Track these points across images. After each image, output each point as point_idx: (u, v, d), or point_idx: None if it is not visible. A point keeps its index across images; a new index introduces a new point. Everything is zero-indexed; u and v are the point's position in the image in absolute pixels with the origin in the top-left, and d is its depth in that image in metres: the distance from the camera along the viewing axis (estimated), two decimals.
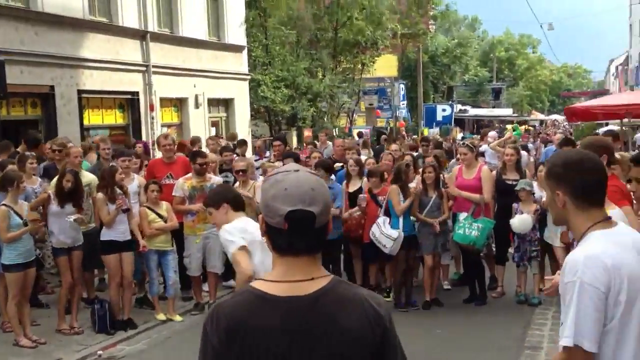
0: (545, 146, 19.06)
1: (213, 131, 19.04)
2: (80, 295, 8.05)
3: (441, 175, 8.91)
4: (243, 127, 20.69)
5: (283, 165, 9.24)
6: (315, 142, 15.72)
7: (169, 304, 8.32)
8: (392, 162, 9.58)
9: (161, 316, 8.19)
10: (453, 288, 9.28)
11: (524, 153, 11.43)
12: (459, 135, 30.70)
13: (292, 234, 1.94)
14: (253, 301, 1.95)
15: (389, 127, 30.13)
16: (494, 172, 9.11)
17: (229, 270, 9.66)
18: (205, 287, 8.92)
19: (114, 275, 7.88)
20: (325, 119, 27.29)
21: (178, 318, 8.21)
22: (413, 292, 8.56)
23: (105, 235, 7.85)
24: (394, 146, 11.28)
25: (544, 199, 8.40)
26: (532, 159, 11.82)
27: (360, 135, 22.39)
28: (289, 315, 1.91)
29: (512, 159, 8.89)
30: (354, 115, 32.22)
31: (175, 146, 9.85)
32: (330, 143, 13.53)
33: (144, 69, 16.44)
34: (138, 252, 8.06)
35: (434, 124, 34.67)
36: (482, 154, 11.92)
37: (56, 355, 6.99)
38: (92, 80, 14.72)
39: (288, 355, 1.89)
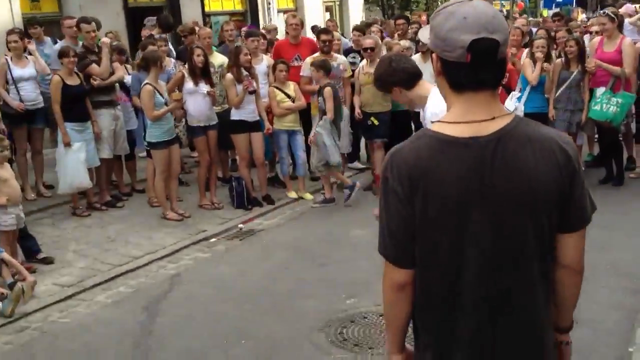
0: None
1: (327, 16, 18.75)
2: (216, 173, 8.41)
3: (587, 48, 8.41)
4: (356, 12, 20.24)
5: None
6: None
7: (299, 183, 8.55)
8: (520, 37, 9.12)
9: (292, 194, 8.44)
10: (587, 169, 8.94)
11: None
12: (582, 16, 28.73)
13: (475, 66, 1.81)
14: (433, 145, 1.86)
15: (504, 10, 28.53)
16: (639, 45, 8.48)
17: (356, 151, 9.82)
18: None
19: (243, 154, 8.13)
20: (439, 3, 26.22)
21: (308, 196, 8.43)
22: None
23: (235, 115, 8.05)
24: (520, 20, 10.68)
25: None
26: None
27: None
28: (473, 156, 1.82)
29: None
30: None
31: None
32: None
33: None
34: (267, 133, 8.25)
35: (553, 4, 32.52)
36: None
37: (201, 227, 7.42)
38: None
39: (471, 197, 1.83)
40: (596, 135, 8.83)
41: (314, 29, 12.38)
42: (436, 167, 1.84)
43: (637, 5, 14.83)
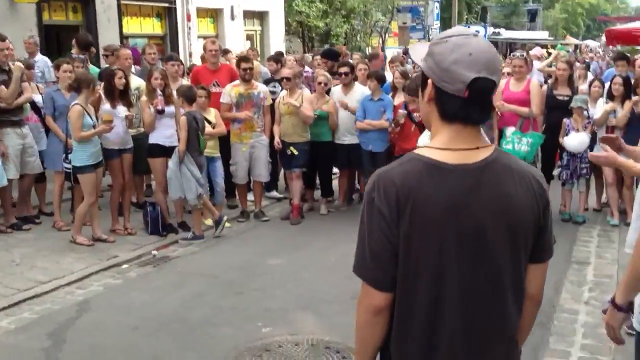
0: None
1: (248, 44, 18.84)
2: (130, 197, 8.22)
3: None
4: (277, 41, 20.43)
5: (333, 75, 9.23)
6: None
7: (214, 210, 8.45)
8: None
9: (209, 221, 8.33)
10: None
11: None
12: None
13: (469, 102, 1.87)
14: (422, 169, 1.89)
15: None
16: (544, 88, 8.95)
17: (274, 180, 9.83)
18: (250, 195, 9.06)
19: (159, 179, 8.00)
20: (358, 37, 26.82)
21: (227, 224, 8.32)
22: None
23: (153, 138, 7.95)
24: None
25: (595, 116, 8.29)
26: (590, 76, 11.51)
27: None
28: (459, 182, 1.87)
29: (565, 73, 8.66)
30: (386, 35, 31.60)
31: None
32: None
33: None
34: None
35: None
36: None
37: (112, 253, 7.20)
38: None
39: (457, 221, 1.86)
40: None
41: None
42: (424, 190, 1.87)
43: (545, 51, 15.63)
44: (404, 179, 1.89)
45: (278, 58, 10.12)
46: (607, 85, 8.74)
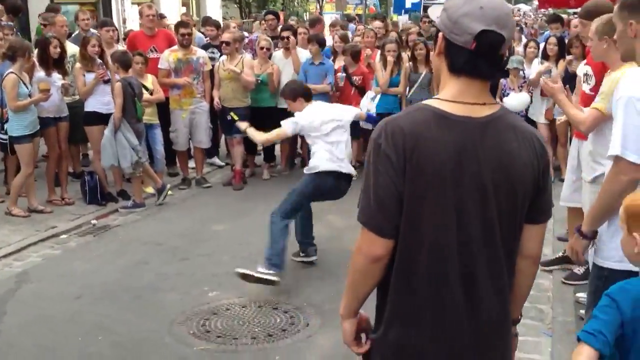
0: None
1: (184, 10, 18.44)
2: (67, 167, 8.01)
3: (431, 51, 8.87)
4: (214, 8, 20.10)
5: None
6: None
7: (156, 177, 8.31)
8: (374, 39, 9.48)
9: (150, 189, 8.19)
10: None
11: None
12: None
13: (477, 55, 1.88)
14: (430, 118, 1.91)
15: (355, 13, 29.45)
16: None
17: (215, 146, 9.73)
18: (191, 163, 8.95)
19: (97, 147, 7.79)
20: (295, 3, 26.61)
21: (169, 192, 8.18)
22: None
23: (89, 105, 7.75)
24: (377, 23, 11.05)
25: (531, 76, 8.47)
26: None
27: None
28: (464, 133, 1.90)
29: None
30: (323, 0, 31.43)
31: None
32: None
33: None
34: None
35: (403, 10, 33.99)
36: None
37: (50, 224, 7.01)
38: None
39: (460, 171, 1.89)
40: None
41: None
42: (430, 139, 1.89)
43: None
44: (411, 126, 1.91)
45: (218, 23, 9.93)
46: (542, 45, 8.93)
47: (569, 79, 8.16)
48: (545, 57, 8.52)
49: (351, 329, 2.13)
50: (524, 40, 11.00)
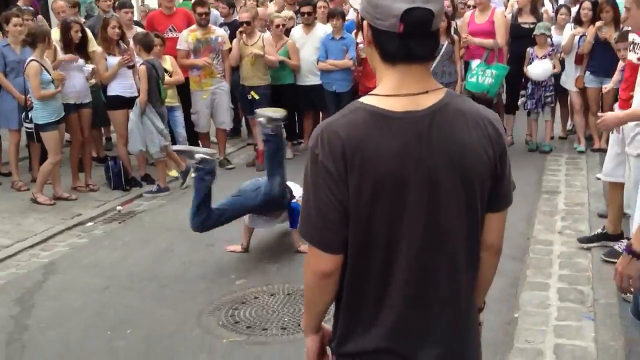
0: None
1: None
2: (90, 153, 7.96)
3: (453, 22, 8.61)
4: None
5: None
6: None
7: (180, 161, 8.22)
8: None
9: (173, 172, 8.12)
10: None
11: None
12: None
13: (408, 37, 1.71)
14: (368, 119, 1.74)
15: None
16: (509, 16, 8.80)
17: (237, 127, 9.61)
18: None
19: (121, 132, 7.73)
20: None
21: (192, 174, 8.10)
22: None
23: (112, 89, 7.67)
24: None
25: (562, 43, 8.19)
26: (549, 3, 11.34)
27: None
28: (407, 131, 1.73)
29: (525, 1, 8.52)
30: None
31: None
32: None
33: None
34: None
35: None
36: None
37: (75, 211, 6.99)
38: None
39: (407, 173, 1.74)
40: None
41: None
42: (371, 142, 1.72)
43: None
44: (349, 130, 1.74)
45: (231, 2, 9.72)
46: (574, 10, 8.61)
47: (599, 46, 7.83)
48: (578, 22, 8.19)
49: (313, 345, 2.01)
50: (555, 5, 10.64)
